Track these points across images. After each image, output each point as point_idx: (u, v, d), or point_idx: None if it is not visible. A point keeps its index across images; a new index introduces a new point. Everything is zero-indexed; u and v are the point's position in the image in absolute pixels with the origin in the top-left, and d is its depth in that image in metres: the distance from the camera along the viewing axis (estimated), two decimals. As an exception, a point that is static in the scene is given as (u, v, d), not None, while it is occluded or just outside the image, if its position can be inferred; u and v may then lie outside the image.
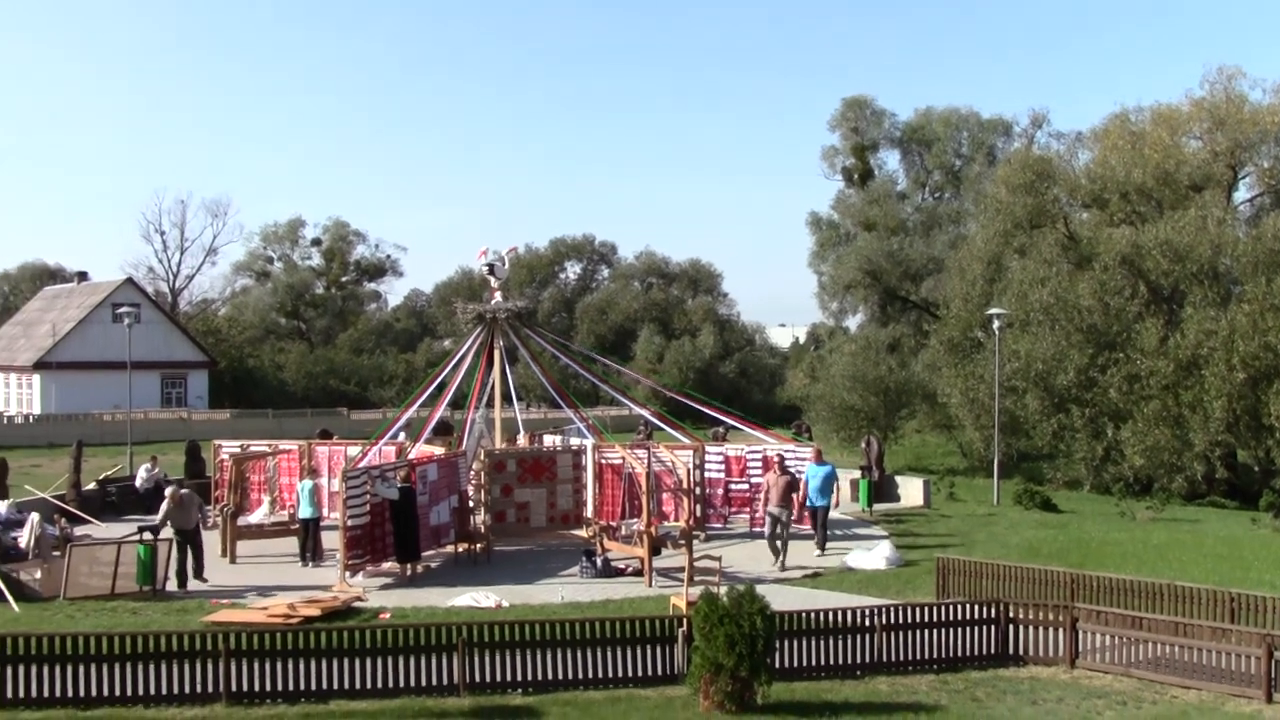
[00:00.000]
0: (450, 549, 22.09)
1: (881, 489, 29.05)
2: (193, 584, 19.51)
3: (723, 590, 12.77)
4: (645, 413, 29.82)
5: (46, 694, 12.63)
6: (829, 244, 63.27)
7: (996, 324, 34.16)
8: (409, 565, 20.20)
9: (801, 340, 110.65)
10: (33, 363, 62.28)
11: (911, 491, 29.99)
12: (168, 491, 21.44)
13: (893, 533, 24.51)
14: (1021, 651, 14.30)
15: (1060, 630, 14.17)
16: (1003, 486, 32.87)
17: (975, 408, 40.74)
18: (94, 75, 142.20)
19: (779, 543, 20.53)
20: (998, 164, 54.69)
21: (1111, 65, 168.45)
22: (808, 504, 21.96)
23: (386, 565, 20.30)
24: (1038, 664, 14.16)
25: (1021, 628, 14.39)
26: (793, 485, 21.15)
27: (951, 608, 14.53)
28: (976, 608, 14.56)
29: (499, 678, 13.15)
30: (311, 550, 21.49)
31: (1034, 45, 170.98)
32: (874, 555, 20.90)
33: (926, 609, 14.48)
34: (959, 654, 14.21)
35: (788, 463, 22.30)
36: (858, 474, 28.95)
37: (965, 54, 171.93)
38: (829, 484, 22.04)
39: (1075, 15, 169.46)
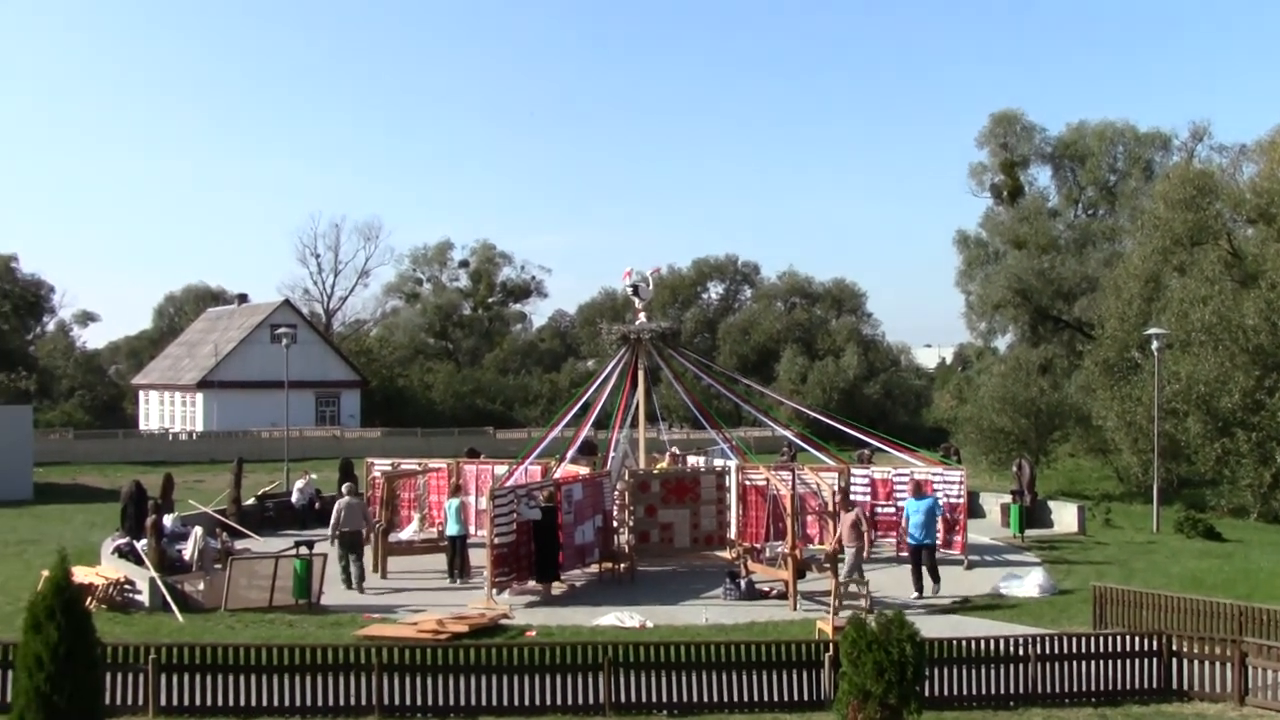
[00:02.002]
0: (595, 568, 22.26)
1: (1033, 514, 28.27)
2: (351, 593, 20.22)
3: (870, 615, 12.56)
4: (789, 434, 29.62)
5: (209, 702, 13.11)
6: (977, 263, 61.79)
7: (1155, 344, 32.98)
8: (548, 585, 20.40)
9: (948, 361, 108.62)
10: (196, 382, 64.78)
11: (1065, 517, 29.11)
12: (346, 487, 22.65)
13: (1046, 559, 23.84)
14: (1186, 686, 13.73)
15: (1228, 665, 13.56)
16: (1163, 513, 31.61)
17: (1132, 431, 39.30)
18: (250, 104, 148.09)
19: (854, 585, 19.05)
20: (1155, 179, 52.76)
21: (1277, 76, 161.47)
22: (909, 541, 20.51)
23: (532, 583, 20.54)
24: (1203, 700, 13.57)
25: (1185, 661, 13.82)
26: (857, 521, 19.56)
27: (1111, 639, 14.04)
28: (1137, 639, 14.03)
29: (644, 698, 13.19)
30: (459, 567, 21.89)
31: (1195, 57, 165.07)
32: (1026, 582, 20.34)
33: (1084, 639, 14.02)
34: (1119, 687, 13.71)
35: (929, 486, 22.02)
36: (1009, 498, 28.25)
37: (1120, 67, 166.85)
38: (932, 519, 20.40)
39: (1238, 24, 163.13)
